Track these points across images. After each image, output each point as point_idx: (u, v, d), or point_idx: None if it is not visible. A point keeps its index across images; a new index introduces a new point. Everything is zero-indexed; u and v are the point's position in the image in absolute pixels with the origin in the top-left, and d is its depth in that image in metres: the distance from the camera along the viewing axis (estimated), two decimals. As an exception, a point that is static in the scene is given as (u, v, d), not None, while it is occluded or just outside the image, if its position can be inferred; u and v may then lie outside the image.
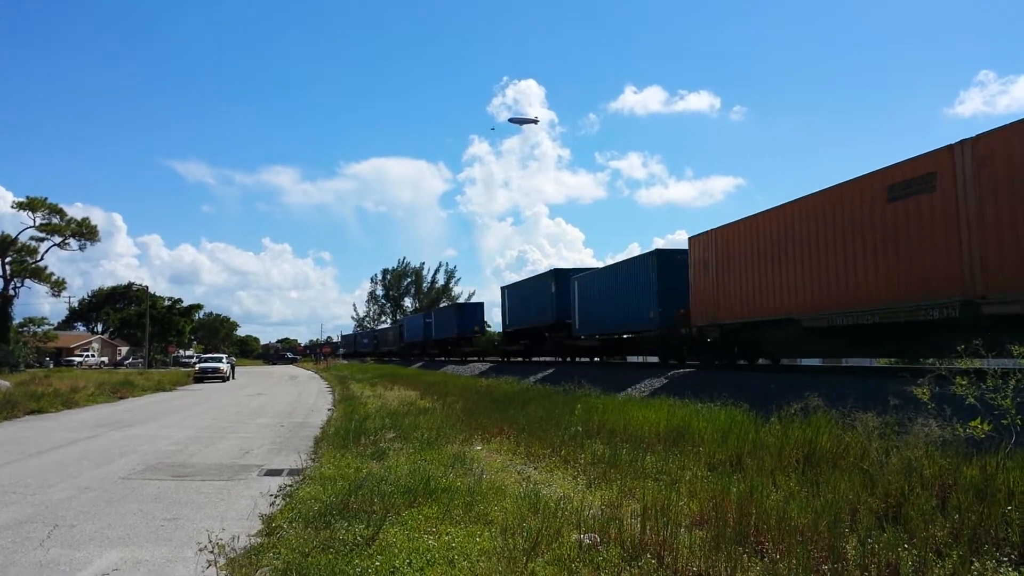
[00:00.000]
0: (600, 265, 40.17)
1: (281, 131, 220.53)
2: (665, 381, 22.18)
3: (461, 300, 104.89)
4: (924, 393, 8.16)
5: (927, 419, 8.08)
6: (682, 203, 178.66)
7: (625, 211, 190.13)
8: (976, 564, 5.03)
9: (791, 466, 8.71)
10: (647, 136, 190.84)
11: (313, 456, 11.88)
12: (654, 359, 31.76)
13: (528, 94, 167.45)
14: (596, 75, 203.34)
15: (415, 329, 75.27)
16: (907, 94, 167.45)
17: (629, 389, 21.88)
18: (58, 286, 72.43)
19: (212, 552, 5.93)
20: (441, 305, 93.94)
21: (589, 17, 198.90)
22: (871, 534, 5.70)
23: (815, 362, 26.64)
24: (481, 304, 61.38)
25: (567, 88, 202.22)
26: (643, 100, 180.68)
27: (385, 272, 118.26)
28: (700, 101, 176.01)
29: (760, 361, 24.21)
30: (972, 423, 7.15)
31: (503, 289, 45.74)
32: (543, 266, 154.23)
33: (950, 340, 11.26)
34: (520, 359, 46.02)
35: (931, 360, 17.45)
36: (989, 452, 7.38)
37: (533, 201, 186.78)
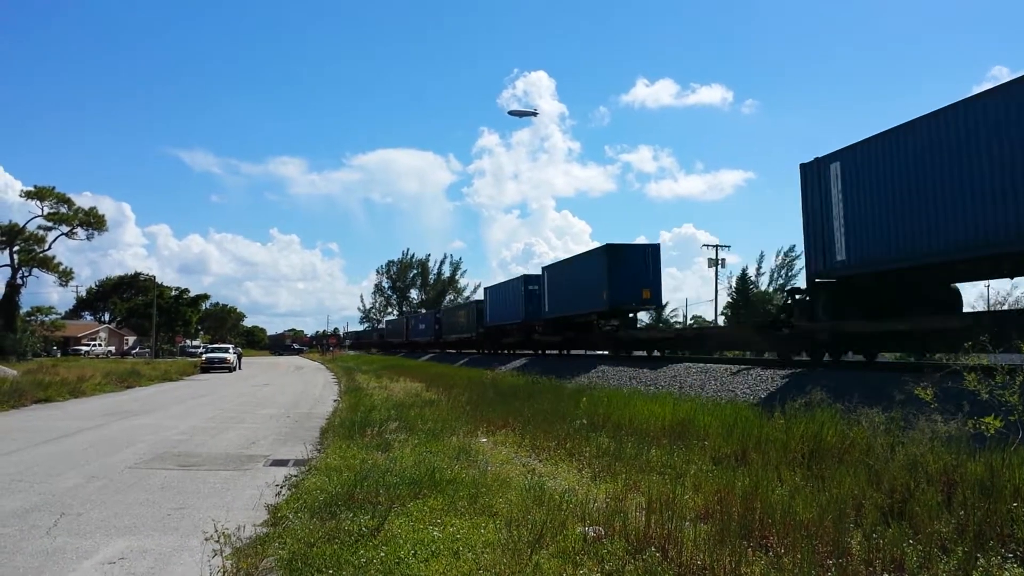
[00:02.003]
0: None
1: (288, 122, 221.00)
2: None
3: (467, 292, 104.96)
4: (927, 394, 8.15)
5: (932, 415, 8.07)
6: (691, 196, 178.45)
7: (634, 204, 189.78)
8: (981, 560, 5.02)
9: (796, 461, 8.70)
10: (658, 129, 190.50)
11: (319, 447, 11.92)
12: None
13: (539, 86, 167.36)
14: (607, 67, 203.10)
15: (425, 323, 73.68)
16: (920, 89, 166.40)
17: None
18: (66, 276, 72.68)
19: (218, 542, 5.95)
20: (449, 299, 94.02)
21: (601, 8, 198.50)
22: (876, 529, 5.70)
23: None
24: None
25: (578, 80, 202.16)
26: (655, 93, 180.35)
27: (391, 264, 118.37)
28: (712, 94, 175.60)
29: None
30: (985, 419, 7.14)
31: (544, 269, 40.10)
32: (549, 259, 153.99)
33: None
34: (556, 352, 41.11)
35: (938, 356, 16.10)
36: (995, 448, 7.36)
37: (542, 194, 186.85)
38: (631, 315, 32.34)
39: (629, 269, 29.98)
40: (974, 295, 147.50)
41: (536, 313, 40.66)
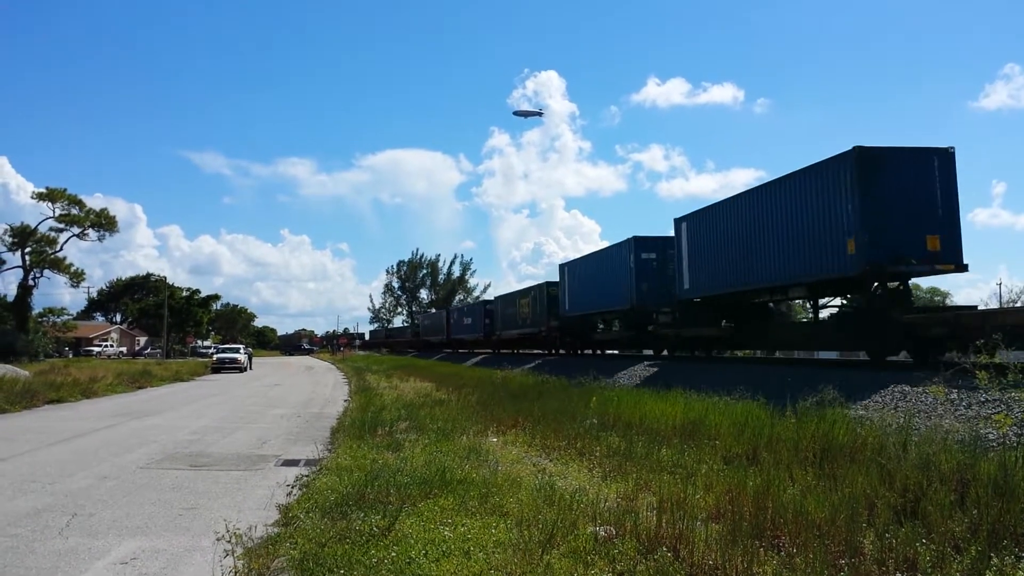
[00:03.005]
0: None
1: (296, 122, 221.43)
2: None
3: (477, 292, 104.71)
4: (939, 391, 8.12)
5: (945, 413, 8.03)
6: (702, 196, 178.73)
7: (645, 204, 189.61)
8: (995, 559, 4.99)
9: (808, 460, 8.65)
10: (669, 128, 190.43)
11: (330, 447, 11.94)
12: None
13: (549, 86, 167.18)
14: (618, 67, 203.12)
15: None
16: (931, 87, 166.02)
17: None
18: (77, 277, 73.01)
19: (229, 542, 5.96)
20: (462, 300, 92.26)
21: (612, 8, 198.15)
22: (889, 529, 5.67)
23: (832, 355, 26.47)
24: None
25: (589, 80, 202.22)
26: (666, 92, 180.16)
27: (400, 264, 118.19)
28: (724, 93, 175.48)
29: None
30: (996, 416, 7.09)
31: (682, 222, 27.00)
32: (559, 259, 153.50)
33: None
34: (703, 353, 28.20)
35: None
36: (1008, 447, 7.31)
37: (552, 194, 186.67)
38: (899, 285, 18.42)
39: (898, 195, 17.20)
40: (986, 293, 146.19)
41: (660, 292, 28.55)
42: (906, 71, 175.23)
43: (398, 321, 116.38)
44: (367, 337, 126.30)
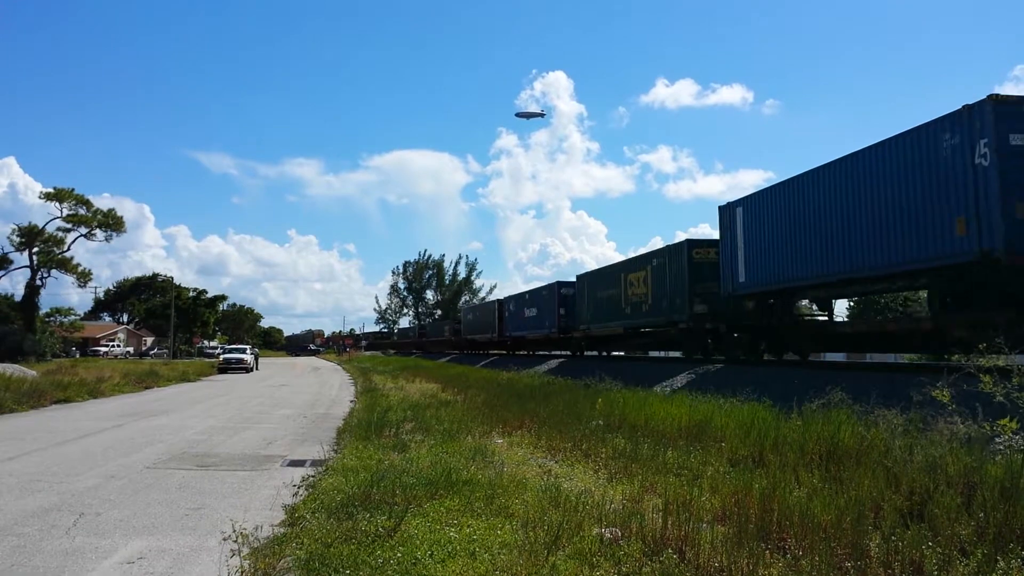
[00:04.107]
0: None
1: (303, 123, 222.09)
2: None
3: (483, 293, 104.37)
4: (944, 395, 8.10)
5: (951, 416, 8.01)
6: (710, 197, 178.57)
7: (652, 205, 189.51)
8: (1001, 563, 4.98)
9: (814, 462, 8.65)
10: (678, 130, 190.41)
11: (335, 447, 11.96)
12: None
13: (557, 87, 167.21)
14: (626, 68, 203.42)
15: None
16: (941, 88, 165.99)
17: None
18: (84, 277, 73.09)
19: (236, 542, 5.99)
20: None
21: (620, 9, 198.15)
22: (895, 532, 5.66)
23: (839, 357, 26.36)
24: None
25: (597, 81, 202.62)
26: (674, 93, 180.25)
27: (407, 264, 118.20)
28: (732, 94, 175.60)
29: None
30: (1001, 421, 7.08)
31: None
32: (566, 260, 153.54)
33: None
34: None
35: (956, 357, 15.70)
36: (1015, 450, 7.30)
37: (560, 195, 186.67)
38: None
39: None
40: None
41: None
42: (916, 73, 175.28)
43: (404, 322, 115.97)
44: (394, 337, 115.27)
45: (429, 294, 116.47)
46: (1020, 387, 7.63)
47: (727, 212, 22.56)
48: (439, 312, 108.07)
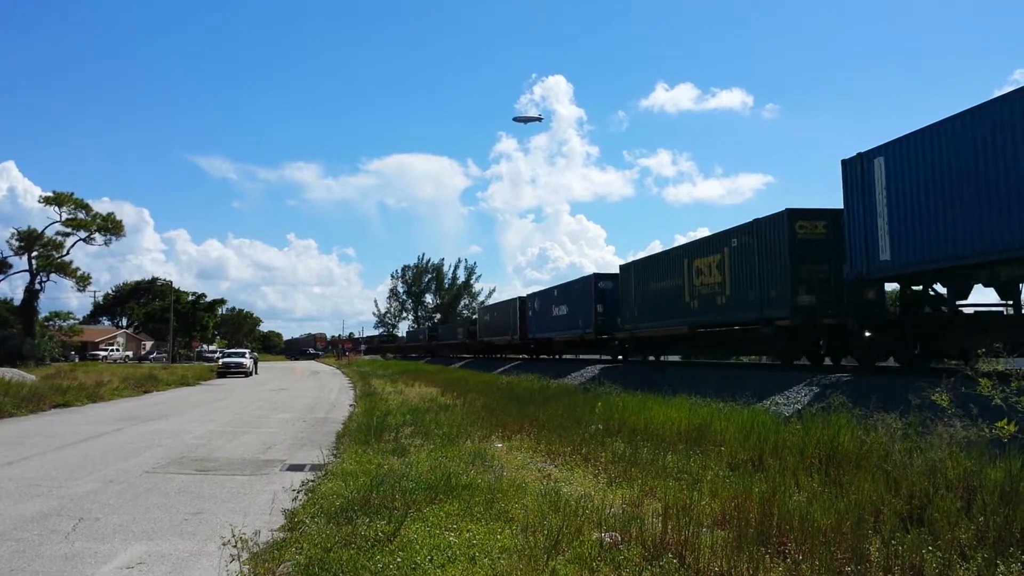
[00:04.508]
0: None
1: (303, 127, 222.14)
2: None
3: (481, 297, 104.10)
4: (943, 399, 8.09)
5: (950, 420, 8.01)
6: (710, 201, 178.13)
7: (652, 209, 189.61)
8: (1001, 567, 4.98)
9: (813, 466, 8.65)
10: (677, 134, 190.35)
11: (335, 451, 11.94)
12: None
13: (556, 91, 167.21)
14: (626, 72, 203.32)
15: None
16: (941, 93, 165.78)
17: None
18: (83, 281, 73.07)
19: (235, 547, 5.98)
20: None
21: (620, 12, 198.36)
22: (895, 536, 5.66)
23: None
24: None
25: (597, 85, 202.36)
26: (674, 97, 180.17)
27: (406, 268, 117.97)
28: (732, 98, 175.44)
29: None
30: (998, 424, 7.08)
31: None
32: (565, 264, 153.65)
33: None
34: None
35: (954, 362, 14.77)
36: (1014, 454, 7.30)
37: (560, 199, 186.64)
38: None
39: None
40: None
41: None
42: (915, 76, 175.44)
43: (403, 327, 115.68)
44: (398, 340, 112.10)
45: (428, 298, 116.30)
46: (1019, 391, 7.62)
47: (855, 166, 16.60)
48: (438, 316, 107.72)
